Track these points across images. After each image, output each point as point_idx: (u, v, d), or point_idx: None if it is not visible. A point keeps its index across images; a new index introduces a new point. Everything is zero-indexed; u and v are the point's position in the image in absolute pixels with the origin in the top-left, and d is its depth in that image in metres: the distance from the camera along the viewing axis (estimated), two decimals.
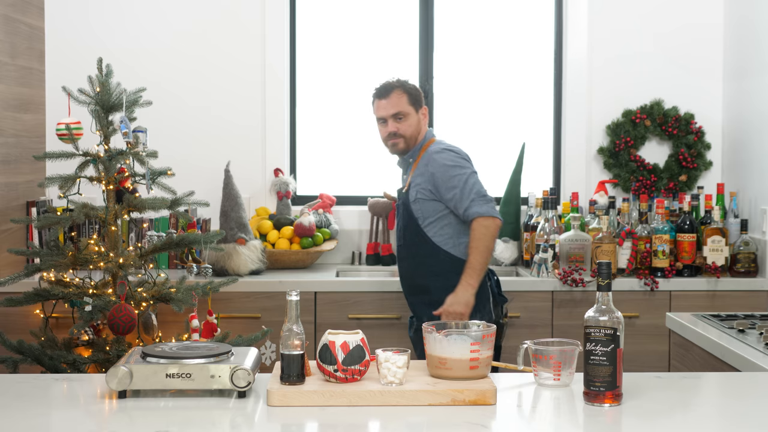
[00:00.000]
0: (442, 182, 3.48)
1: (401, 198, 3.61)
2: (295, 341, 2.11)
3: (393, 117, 3.56)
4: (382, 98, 3.57)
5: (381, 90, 3.60)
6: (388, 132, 3.58)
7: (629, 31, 4.60)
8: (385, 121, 3.57)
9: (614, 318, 2.06)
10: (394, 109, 3.55)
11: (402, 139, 3.57)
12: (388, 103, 3.56)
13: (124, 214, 3.37)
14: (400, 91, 3.58)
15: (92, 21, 4.53)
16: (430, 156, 3.54)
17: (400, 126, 3.56)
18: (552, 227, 4.23)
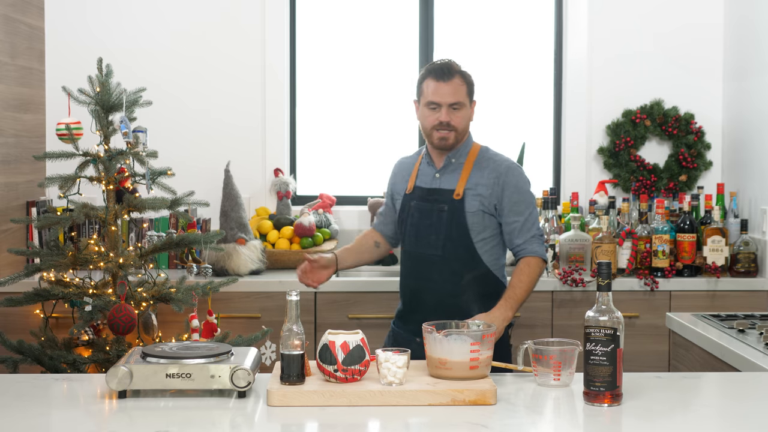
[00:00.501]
0: (509, 203, 3.08)
1: (443, 201, 3.11)
2: (295, 341, 2.11)
3: (450, 106, 3.06)
4: (441, 80, 3.06)
5: (442, 70, 3.08)
6: (440, 120, 3.06)
7: (629, 31, 4.60)
8: (438, 107, 3.07)
9: (614, 318, 2.06)
10: (454, 97, 3.05)
11: (454, 132, 3.08)
12: (449, 88, 3.06)
13: (124, 214, 3.37)
14: (462, 79, 3.10)
15: (92, 21, 4.53)
16: (499, 166, 3.12)
17: (454, 117, 3.06)
18: (552, 227, 4.23)
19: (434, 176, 3.16)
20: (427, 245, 3.09)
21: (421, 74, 3.16)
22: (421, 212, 3.14)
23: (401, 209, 3.21)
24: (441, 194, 3.13)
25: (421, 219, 3.13)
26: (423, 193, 3.16)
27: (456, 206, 3.08)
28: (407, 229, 3.16)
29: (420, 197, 3.16)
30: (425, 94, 3.10)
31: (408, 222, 3.16)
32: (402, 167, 3.30)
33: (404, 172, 3.27)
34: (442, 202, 3.11)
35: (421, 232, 3.12)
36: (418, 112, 3.18)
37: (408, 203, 3.18)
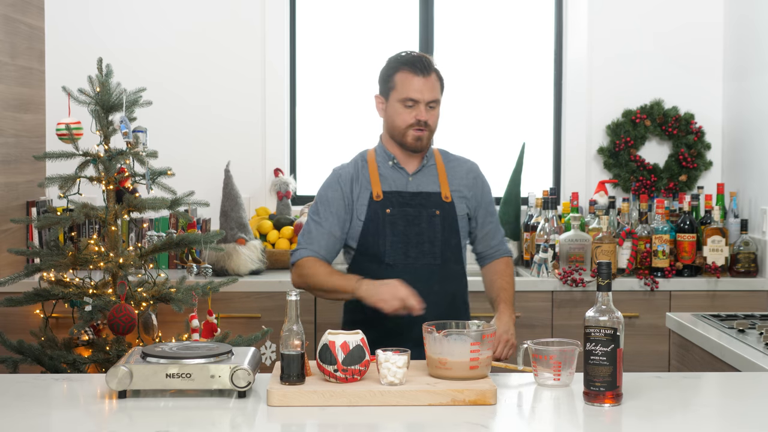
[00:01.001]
0: (486, 203, 2.98)
1: (432, 206, 2.90)
2: (295, 341, 2.11)
3: (427, 103, 2.82)
4: (420, 75, 2.81)
5: (421, 63, 2.83)
6: (418, 119, 2.81)
7: (629, 30, 4.60)
8: (415, 104, 2.81)
9: (614, 318, 2.06)
10: (432, 94, 2.82)
11: (428, 132, 2.84)
12: (428, 84, 2.81)
13: (124, 214, 3.37)
14: (437, 75, 2.86)
15: (92, 21, 4.53)
16: (473, 166, 3.01)
17: (431, 116, 2.84)
18: (552, 227, 4.23)
19: (408, 180, 2.91)
20: (422, 255, 2.86)
21: (391, 65, 2.89)
22: (407, 219, 2.86)
23: (369, 220, 2.86)
24: (428, 198, 2.89)
25: (408, 227, 2.86)
26: (403, 198, 2.88)
27: (447, 209, 2.90)
28: (388, 240, 2.85)
29: (400, 203, 2.87)
30: (399, 88, 2.82)
31: (388, 232, 2.85)
32: (345, 177, 2.92)
33: (352, 181, 2.91)
34: (431, 206, 2.89)
35: (411, 240, 2.86)
36: (382, 108, 2.91)
37: (379, 212, 2.86)
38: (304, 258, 2.88)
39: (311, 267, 2.85)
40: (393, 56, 2.93)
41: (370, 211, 2.87)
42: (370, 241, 2.87)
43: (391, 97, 2.86)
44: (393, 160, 2.92)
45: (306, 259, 2.88)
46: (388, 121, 2.89)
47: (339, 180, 2.93)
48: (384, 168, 2.92)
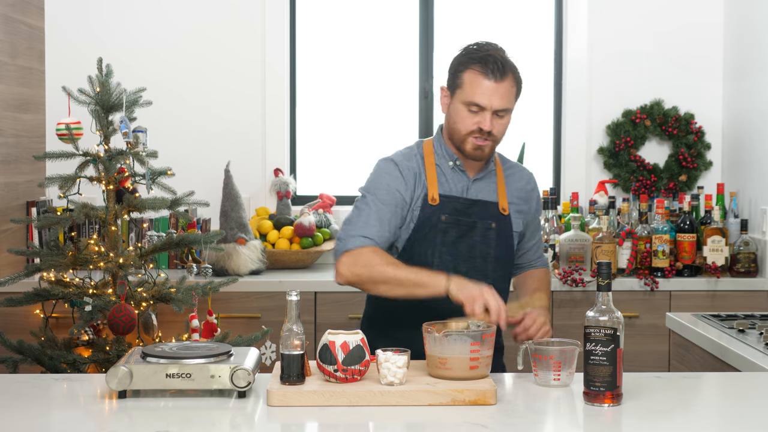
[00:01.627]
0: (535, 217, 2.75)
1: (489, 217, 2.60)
2: (295, 341, 2.11)
3: (496, 112, 2.50)
4: (494, 79, 2.48)
5: (496, 65, 2.48)
6: (481, 128, 2.50)
7: (629, 30, 4.60)
8: (481, 111, 2.49)
9: (614, 318, 2.06)
10: (504, 102, 2.49)
11: (492, 143, 2.53)
12: (501, 90, 2.48)
13: (124, 214, 3.37)
14: (514, 78, 2.52)
15: (92, 21, 4.53)
16: (528, 175, 2.74)
17: (498, 125, 2.51)
18: (552, 227, 4.23)
19: (469, 185, 2.62)
20: (472, 270, 2.56)
21: (461, 59, 2.55)
22: (461, 230, 2.57)
23: (420, 225, 2.56)
24: (484, 208, 2.60)
25: (460, 238, 2.57)
26: (460, 205, 2.58)
27: (503, 223, 2.62)
28: (437, 251, 2.56)
29: (455, 210, 2.57)
30: (466, 89, 2.50)
31: (438, 241, 2.56)
32: (408, 170, 2.59)
33: (414, 175, 2.60)
34: (487, 217, 2.60)
35: (462, 254, 2.57)
36: (446, 103, 2.60)
37: (432, 217, 2.56)
38: (363, 246, 2.47)
39: (378, 255, 2.45)
40: (466, 48, 2.57)
41: (422, 215, 2.56)
42: (416, 248, 2.56)
43: (456, 95, 2.52)
44: (456, 161, 2.60)
45: (368, 248, 2.46)
46: (449, 120, 2.57)
47: (402, 171, 2.57)
48: (444, 167, 2.61)
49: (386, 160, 2.61)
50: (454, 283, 2.36)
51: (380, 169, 2.60)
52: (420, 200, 2.56)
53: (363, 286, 2.48)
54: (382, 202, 2.53)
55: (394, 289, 2.43)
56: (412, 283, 2.40)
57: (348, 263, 2.46)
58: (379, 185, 2.56)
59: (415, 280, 2.40)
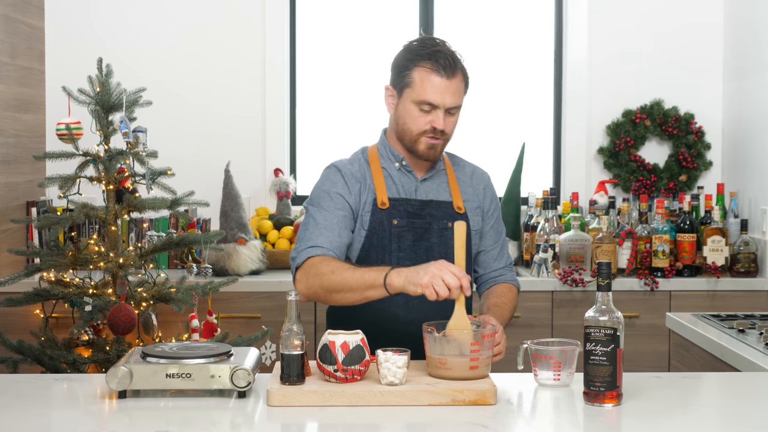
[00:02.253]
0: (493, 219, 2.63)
1: (444, 217, 2.53)
2: (295, 341, 2.11)
3: (447, 110, 2.43)
4: (445, 76, 2.41)
5: (447, 62, 2.41)
6: (433, 126, 2.43)
7: (629, 30, 4.60)
8: (433, 108, 2.42)
9: (614, 318, 2.06)
10: (455, 99, 2.42)
11: (443, 141, 2.47)
12: (451, 87, 2.41)
13: (124, 214, 3.37)
14: (462, 76, 2.45)
15: (92, 21, 4.53)
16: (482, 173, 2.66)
17: (449, 123, 2.45)
18: (552, 227, 4.23)
19: (417, 186, 2.54)
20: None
21: (409, 56, 2.45)
22: (416, 232, 2.48)
23: (373, 232, 2.47)
24: (438, 207, 2.52)
25: (416, 241, 2.48)
26: (412, 207, 2.50)
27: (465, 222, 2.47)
28: (394, 256, 2.47)
29: (408, 213, 2.49)
30: (416, 87, 2.41)
31: (394, 246, 2.47)
32: (351, 176, 2.51)
33: (357, 180, 2.51)
34: (442, 217, 2.51)
35: (420, 257, 2.46)
36: (393, 103, 2.51)
37: (384, 222, 2.47)
38: (314, 257, 2.38)
39: (325, 263, 2.33)
40: (411, 44, 2.48)
41: (374, 220, 2.47)
42: (372, 256, 2.48)
43: (405, 94, 2.44)
44: (401, 161, 2.53)
45: (316, 258, 2.37)
46: (398, 120, 2.49)
47: (345, 177, 2.50)
48: (390, 170, 2.54)
49: (329, 167, 2.55)
50: (396, 279, 2.20)
51: (322, 177, 2.54)
52: (369, 205, 2.48)
53: (322, 298, 2.37)
54: (326, 209, 2.45)
55: (348, 296, 2.31)
56: (362, 286, 2.27)
57: (301, 279, 2.38)
58: (320, 195, 2.49)
59: (361, 281, 2.26)
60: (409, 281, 2.17)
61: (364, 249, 2.48)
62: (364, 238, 2.48)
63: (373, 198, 2.49)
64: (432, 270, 2.14)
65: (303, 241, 2.43)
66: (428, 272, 2.15)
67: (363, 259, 2.48)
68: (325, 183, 2.51)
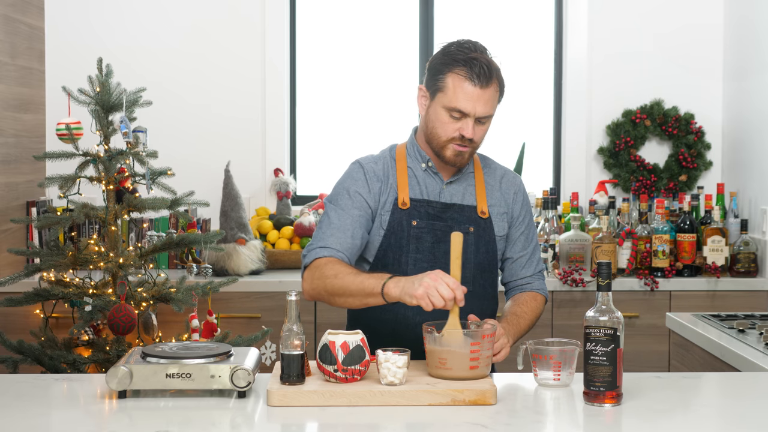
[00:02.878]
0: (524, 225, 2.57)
1: (465, 221, 2.48)
2: (295, 341, 2.11)
3: (478, 119, 2.42)
4: (479, 85, 2.38)
5: (482, 70, 2.40)
6: (462, 134, 2.40)
7: (629, 30, 4.60)
8: (464, 116, 2.40)
9: (614, 318, 2.06)
10: (487, 108, 2.42)
11: (471, 149, 2.45)
12: (484, 97, 2.39)
13: (124, 214, 3.37)
14: (498, 84, 2.44)
15: (92, 20, 4.53)
16: (514, 178, 2.60)
17: (479, 132, 2.44)
18: (552, 227, 4.23)
19: (442, 188, 2.51)
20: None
21: (445, 59, 2.41)
22: (435, 235, 2.45)
23: (391, 231, 2.45)
24: (461, 211, 2.48)
25: (435, 244, 2.45)
26: (434, 209, 2.47)
27: (483, 227, 2.49)
28: (411, 258, 2.45)
29: (429, 215, 2.46)
30: (449, 93, 2.38)
31: (411, 248, 2.45)
32: (374, 174, 2.50)
33: (381, 181, 2.50)
34: (464, 221, 2.47)
35: (438, 260, 2.43)
36: (424, 104, 2.47)
37: (403, 222, 2.45)
38: (321, 258, 2.38)
39: (332, 267, 2.33)
40: (449, 47, 2.45)
41: (393, 220, 2.45)
42: (389, 256, 2.45)
43: (437, 98, 2.41)
44: (428, 162, 2.50)
45: (323, 260, 2.37)
46: (428, 124, 2.45)
47: (366, 175, 2.49)
48: (416, 170, 2.51)
49: (354, 163, 2.56)
50: (393, 289, 2.20)
51: (345, 173, 2.55)
52: (390, 204, 2.46)
53: (325, 300, 2.37)
54: (342, 209, 2.44)
55: (349, 300, 2.31)
56: (361, 293, 2.27)
57: (308, 278, 2.39)
58: (339, 192, 2.49)
59: (361, 288, 2.26)
60: (405, 292, 2.17)
61: (381, 248, 2.46)
62: (382, 237, 2.46)
63: (395, 197, 2.47)
64: (427, 281, 2.14)
65: (316, 240, 2.44)
66: (423, 283, 2.14)
67: (380, 258, 2.47)
68: (347, 180, 2.52)
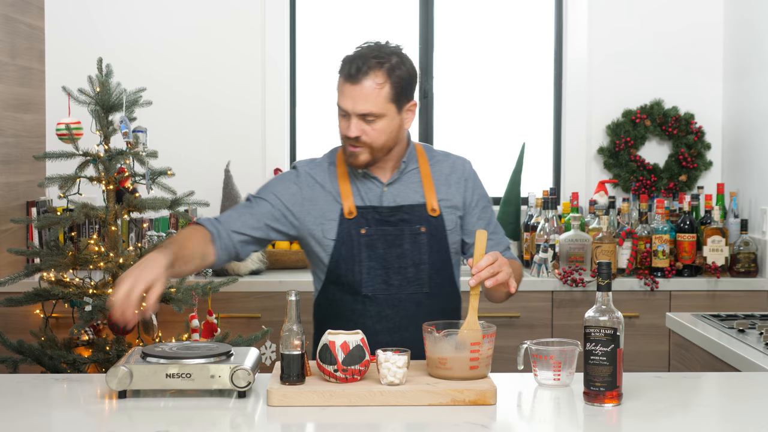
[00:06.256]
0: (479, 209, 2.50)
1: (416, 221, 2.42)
2: (295, 341, 2.11)
3: (360, 116, 2.33)
4: (349, 80, 2.34)
5: (351, 67, 2.35)
6: (347, 135, 2.36)
7: (629, 30, 4.60)
8: (348, 115, 2.35)
9: (614, 318, 2.06)
10: (365, 105, 2.32)
11: (366, 148, 2.35)
12: (362, 93, 2.32)
13: (124, 214, 3.37)
14: (382, 77, 2.33)
15: (92, 21, 4.52)
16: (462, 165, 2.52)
17: (369, 131, 2.34)
18: (552, 227, 4.23)
19: (382, 191, 2.44)
20: (406, 282, 2.41)
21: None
22: (386, 240, 2.40)
23: (341, 242, 2.41)
24: (411, 212, 2.42)
25: (388, 249, 2.40)
26: (380, 214, 2.41)
27: (435, 224, 2.43)
28: (364, 267, 2.40)
29: (377, 221, 2.41)
30: (337, 93, 2.38)
31: (364, 256, 2.40)
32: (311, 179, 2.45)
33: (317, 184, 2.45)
34: (414, 222, 2.41)
35: (392, 265, 2.40)
36: None
37: (352, 232, 2.40)
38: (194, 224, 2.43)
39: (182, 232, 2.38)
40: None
41: (341, 230, 2.40)
42: (342, 267, 2.42)
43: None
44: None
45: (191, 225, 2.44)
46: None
47: (300, 179, 2.46)
48: (355, 174, 2.44)
49: (291, 167, 2.53)
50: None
51: (279, 175, 2.53)
52: (335, 213, 2.41)
53: None
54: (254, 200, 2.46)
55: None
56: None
57: None
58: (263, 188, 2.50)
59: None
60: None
61: (333, 259, 2.43)
62: (332, 248, 2.42)
63: (340, 207, 2.42)
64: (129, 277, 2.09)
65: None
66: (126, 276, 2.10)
67: (333, 271, 2.44)
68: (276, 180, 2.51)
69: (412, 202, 2.44)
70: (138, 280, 2.09)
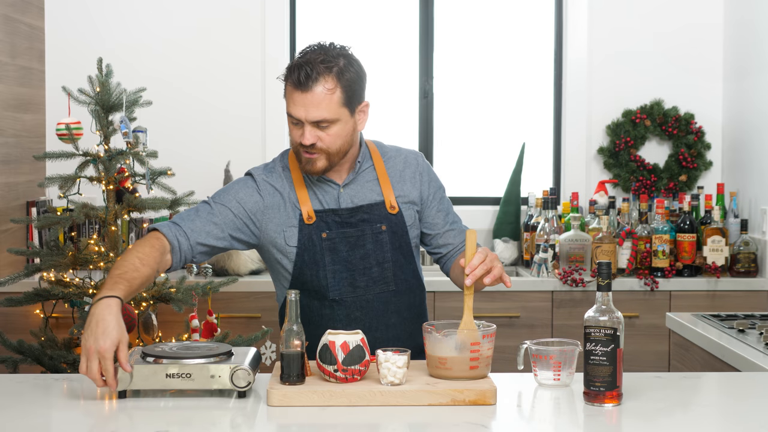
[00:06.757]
0: (435, 199, 2.50)
1: (376, 220, 2.42)
2: (295, 341, 2.11)
3: (313, 124, 2.29)
4: (300, 89, 2.27)
5: (300, 74, 2.27)
6: (301, 142, 2.31)
7: (629, 30, 4.60)
8: (300, 123, 2.31)
9: (614, 318, 2.06)
10: (317, 112, 2.28)
11: (323, 154, 2.33)
12: (314, 100, 2.27)
13: (124, 214, 3.37)
14: (332, 81, 2.28)
15: (92, 21, 4.52)
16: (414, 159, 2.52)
17: (324, 137, 2.31)
18: (552, 227, 4.23)
19: (339, 193, 2.42)
20: (372, 282, 2.41)
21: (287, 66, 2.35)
22: (347, 242, 2.39)
23: (303, 249, 2.39)
24: (370, 211, 2.42)
25: (351, 251, 2.39)
26: (340, 217, 2.40)
27: (395, 222, 2.43)
28: (328, 271, 2.39)
29: (337, 223, 2.40)
30: (287, 101, 2.32)
31: (326, 261, 2.39)
32: (269, 185, 2.42)
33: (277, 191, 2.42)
34: (375, 221, 2.41)
35: (356, 267, 2.40)
36: None
37: (313, 237, 2.39)
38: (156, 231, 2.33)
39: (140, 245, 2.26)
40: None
41: (302, 236, 2.38)
42: (307, 273, 2.40)
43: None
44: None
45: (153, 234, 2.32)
46: None
47: (259, 186, 2.41)
48: (310, 180, 2.42)
49: (246, 174, 2.46)
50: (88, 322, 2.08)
51: (234, 181, 2.46)
52: (294, 220, 2.39)
53: None
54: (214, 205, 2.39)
55: None
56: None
57: None
58: (222, 192, 2.42)
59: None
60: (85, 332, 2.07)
61: (297, 266, 2.40)
62: (295, 255, 2.39)
63: (299, 213, 2.40)
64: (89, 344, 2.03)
65: (174, 217, 2.40)
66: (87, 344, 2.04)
67: (298, 278, 2.41)
68: (234, 186, 2.44)
69: (371, 201, 2.43)
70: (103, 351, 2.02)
